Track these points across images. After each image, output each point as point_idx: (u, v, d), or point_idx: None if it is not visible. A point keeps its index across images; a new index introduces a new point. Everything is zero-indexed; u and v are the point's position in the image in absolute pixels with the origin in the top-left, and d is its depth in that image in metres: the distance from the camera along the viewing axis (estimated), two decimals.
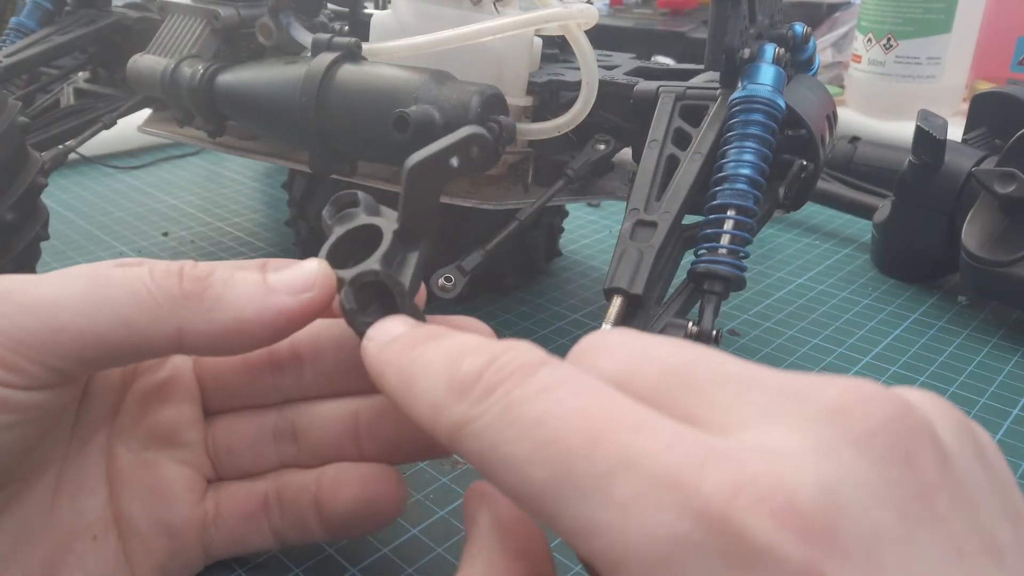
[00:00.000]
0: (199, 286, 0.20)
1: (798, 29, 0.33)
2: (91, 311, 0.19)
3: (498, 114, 0.29)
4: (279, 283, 0.20)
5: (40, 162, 0.35)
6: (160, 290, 0.19)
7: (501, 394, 0.15)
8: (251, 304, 0.20)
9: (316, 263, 0.21)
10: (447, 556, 0.24)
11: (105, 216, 0.51)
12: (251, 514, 0.23)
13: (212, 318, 0.20)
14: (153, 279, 0.19)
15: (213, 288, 0.20)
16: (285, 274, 0.21)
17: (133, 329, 0.19)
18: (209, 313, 0.19)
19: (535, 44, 0.35)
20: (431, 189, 0.21)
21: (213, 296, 0.20)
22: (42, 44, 0.42)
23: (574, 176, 0.33)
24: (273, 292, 0.20)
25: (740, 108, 0.28)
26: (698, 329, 0.25)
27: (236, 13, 0.37)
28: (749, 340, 0.37)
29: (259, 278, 0.20)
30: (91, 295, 0.19)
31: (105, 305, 0.19)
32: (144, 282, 0.19)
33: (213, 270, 0.20)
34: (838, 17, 0.75)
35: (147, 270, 0.20)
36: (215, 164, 0.62)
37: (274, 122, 0.34)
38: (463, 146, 0.21)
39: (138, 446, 0.23)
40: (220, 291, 0.20)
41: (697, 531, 0.12)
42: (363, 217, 0.22)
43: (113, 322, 0.19)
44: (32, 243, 0.36)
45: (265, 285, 0.20)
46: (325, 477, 0.23)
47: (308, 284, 0.20)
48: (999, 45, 0.68)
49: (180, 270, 0.20)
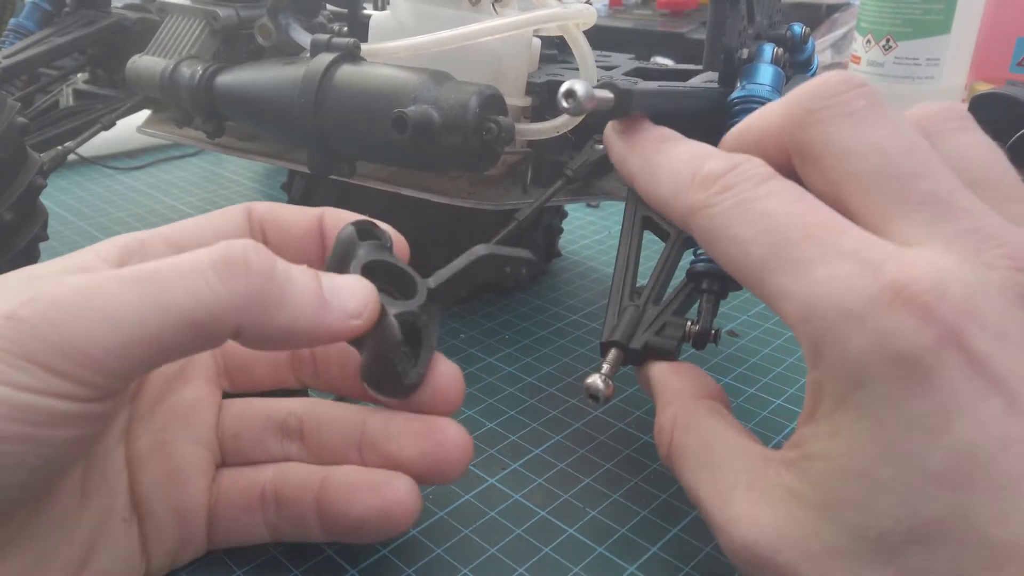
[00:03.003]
0: (263, 284, 0.19)
1: (797, 30, 0.33)
2: (153, 318, 0.18)
3: (497, 114, 0.29)
4: (335, 300, 0.21)
5: (39, 163, 0.35)
6: (225, 290, 0.19)
7: (738, 191, 0.20)
8: (306, 316, 0.20)
9: (369, 291, 0.21)
10: (446, 557, 0.24)
11: (104, 217, 0.51)
12: (248, 506, 0.23)
13: (269, 321, 0.19)
14: (218, 277, 0.19)
15: (275, 288, 0.19)
16: (341, 291, 0.21)
17: (197, 330, 0.18)
18: (266, 315, 0.19)
19: (534, 44, 0.35)
20: (475, 276, 0.24)
21: (274, 298, 0.19)
22: (41, 45, 0.42)
23: (573, 176, 0.33)
24: (328, 310, 0.20)
25: (739, 108, 0.28)
26: (697, 328, 0.25)
27: (235, 14, 0.37)
28: (748, 341, 0.37)
29: (316, 287, 0.20)
30: (151, 301, 0.18)
31: (167, 311, 0.18)
32: (207, 282, 0.18)
33: (275, 264, 0.20)
34: (837, 18, 0.75)
35: (208, 264, 0.19)
36: (214, 165, 0.62)
37: (273, 123, 0.34)
38: (519, 263, 0.25)
39: (157, 427, 0.23)
40: (281, 294, 0.19)
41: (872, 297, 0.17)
42: (387, 255, 0.23)
43: (177, 326, 0.18)
44: (31, 244, 0.36)
45: (322, 297, 0.20)
46: (333, 479, 0.23)
47: (360, 310, 0.21)
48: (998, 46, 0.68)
49: (246, 261, 0.19)
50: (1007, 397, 0.16)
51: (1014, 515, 0.16)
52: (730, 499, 0.20)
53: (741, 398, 0.32)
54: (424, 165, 0.31)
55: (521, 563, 0.24)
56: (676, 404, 0.23)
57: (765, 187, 0.20)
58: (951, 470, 0.16)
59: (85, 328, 0.17)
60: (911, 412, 0.16)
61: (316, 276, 0.21)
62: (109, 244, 0.21)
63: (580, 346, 0.37)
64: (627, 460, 0.29)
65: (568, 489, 0.27)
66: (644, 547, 0.25)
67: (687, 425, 0.22)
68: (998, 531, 0.16)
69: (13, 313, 0.17)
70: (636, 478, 0.28)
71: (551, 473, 0.28)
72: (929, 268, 0.17)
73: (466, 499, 0.27)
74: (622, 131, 0.25)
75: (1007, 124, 0.40)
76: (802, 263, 0.18)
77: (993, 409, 0.16)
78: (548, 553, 0.24)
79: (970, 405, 0.16)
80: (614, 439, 0.30)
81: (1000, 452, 0.16)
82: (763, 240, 0.19)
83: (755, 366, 0.35)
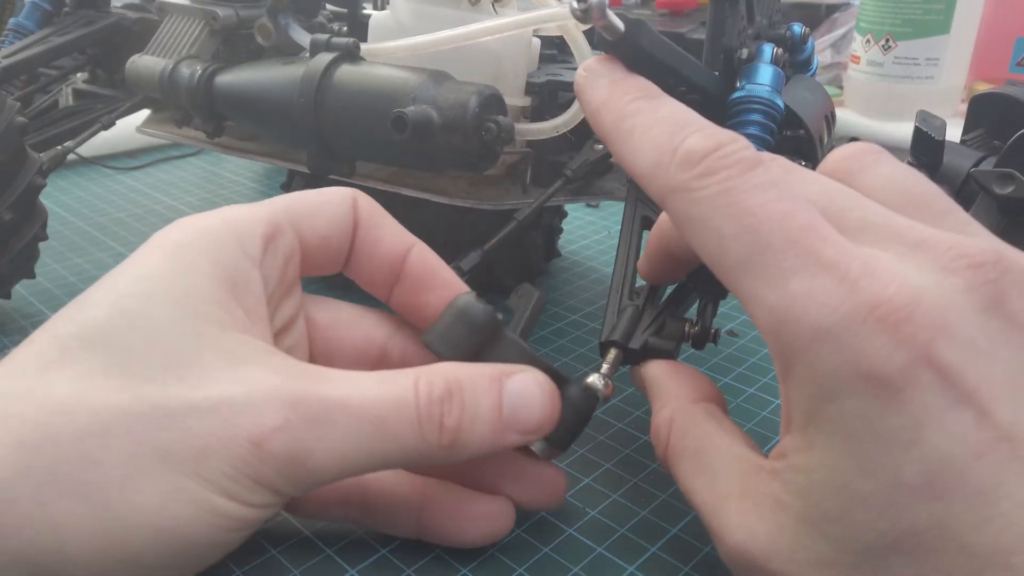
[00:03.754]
0: (453, 439, 0.20)
1: (796, 30, 0.33)
2: (371, 460, 0.20)
3: (496, 114, 0.29)
4: (514, 420, 0.21)
5: (39, 163, 0.35)
6: (424, 443, 0.20)
7: (722, 178, 0.19)
8: (484, 445, 0.21)
9: (550, 402, 0.22)
10: (446, 557, 0.24)
11: (104, 217, 0.51)
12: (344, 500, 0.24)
13: (451, 458, 0.21)
14: (423, 433, 0.20)
15: (461, 438, 0.20)
16: (521, 410, 0.21)
17: (388, 465, 0.21)
18: (451, 455, 0.21)
19: (533, 44, 0.35)
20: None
21: (459, 445, 0.20)
22: (41, 45, 0.42)
23: (573, 176, 0.33)
24: (507, 431, 0.21)
25: (738, 108, 0.28)
26: (697, 329, 0.25)
27: (235, 14, 0.37)
28: (748, 340, 0.37)
29: (497, 417, 0.21)
30: (378, 446, 0.19)
31: (385, 457, 0.20)
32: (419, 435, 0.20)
33: (463, 409, 0.20)
34: (837, 18, 0.75)
35: (416, 419, 0.20)
36: (214, 165, 0.62)
37: (272, 122, 0.34)
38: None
39: None
40: (466, 438, 0.20)
41: (845, 315, 0.17)
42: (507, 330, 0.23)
43: (383, 465, 0.20)
44: (30, 244, 0.36)
45: (501, 422, 0.21)
46: (436, 504, 0.24)
47: (540, 426, 0.22)
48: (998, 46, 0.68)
49: (440, 423, 0.20)
50: (978, 407, 0.16)
51: (992, 522, 0.16)
52: (724, 506, 0.20)
53: (740, 398, 0.32)
54: (423, 165, 0.31)
55: (521, 563, 0.24)
56: (672, 407, 0.23)
57: (751, 177, 0.19)
58: (928, 482, 0.16)
59: (319, 462, 0.19)
60: (884, 427, 0.16)
61: (498, 405, 0.21)
62: (255, 237, 0.21)
63: (580, 346, 0.37)
64: (627, 460, 0.29)
65: (568, 489, 0.27)
66: (644, 547, 0.25)
67: (683, 429, 0.23)
68: (978, 538, 0.16)
69: (262, 441, 0.18)
70: (636, 478, 0.28)
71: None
72: (903, 284, 0.17)
73: None
74: (601, 73, 0.22)
75: (1007, 124, 0.40)
76: (781, 272, 0.18)
77: (965, 420, 0.16)
78: (548, 553, 0.24)
79: (942, 417, 0.16)
80: (614, 439, 0.30)
81: (974, 461, 0.16)
82: (744, 240, 0.18)
83: (754, 366, 0.35)
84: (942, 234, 0.19)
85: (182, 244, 0.21)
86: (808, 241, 0.18)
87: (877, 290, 0.17)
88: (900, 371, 0.16)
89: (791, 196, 0.19)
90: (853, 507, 0.17)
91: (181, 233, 0.21)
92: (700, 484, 0.21)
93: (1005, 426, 0.16)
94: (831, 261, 0.17)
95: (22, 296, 0.40)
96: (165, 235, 0.21)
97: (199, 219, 0.22)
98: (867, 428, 0.17)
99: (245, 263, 0.21)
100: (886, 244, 0.18)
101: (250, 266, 0.21)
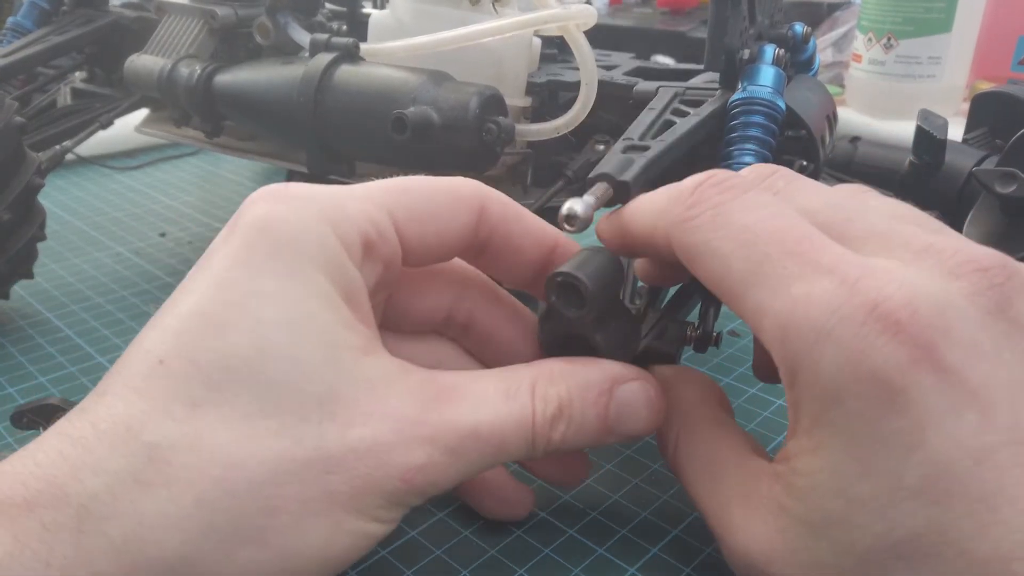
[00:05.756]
0: (554, 450, 0.21)
1: (798, 29, 0.33)
2: (478, 472, 0.20)
3: (497, 115, 0.29)
4: (617, 427, 0.22)
5: (37, 162, 0.35)
6: (528, 454, 0.21)
7: (715, 203, 0.20)
8: (580, 448, 0.22)
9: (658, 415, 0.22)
10: (446, 558, 0.24)
11: (102, 217, 0.51)
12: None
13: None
14: (532, 449, 0.21)
15: (562, 448, 0.21)
16: (627, 419, 0.22)
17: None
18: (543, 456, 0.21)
19: (534, 44, 0.35)
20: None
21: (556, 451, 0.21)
22: (39, 44, 0.41)
23: (573, 177, 0.33)
24: (608, 436, 0.22)
25: (740, 110, 0.28)
26: (699, 332, 0.25)
27: (233, 13, 0.37)
28: (749, 341, 0.37)
29: (603, 423, 0.21)
30: (488, 464, 0.20)
31: (490, 466, 0.21)
32: (524, 450, 0.21)
33: (570, 424, 0.21)
34: (838, 17, 0.75)
35: (531, 438, 0.20)
36: (213, 165, 0.62)
37: (272, 122, 0.34)
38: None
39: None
40: (566, 448, 0.21)
41: (846, 315, 0.17)
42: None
43: (483, 471, 0.21)
44: (29, 244, 0.36)
45: (605, 430, 0.22)
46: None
47: (641, 435, 0.22)
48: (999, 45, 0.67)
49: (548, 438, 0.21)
50: (980, 410, 0.16)
51: (992, 528, 0.16)
52: (728, 509, 0.20)
53: (742, 399, 0.32)
54: (423, 166, 0.31)
55: (521, 564, 0.24)
56: (679, 411, 0.23)
57: (744, 199, 0.20)
58: (928, 486, 0.16)
59: (449, 482, 0.20)
60: (886, 429, 0.16)
61: (605, 415, 0.21)
62: (355, 245, 0.20)
63: None
64: (627, 461, 0.29)
65: (568, 490, 0.27)
66: (645, 548, 0.25)
67: (689, 434, 0.23)
68: (977, 545, 0.16)
69: (410, 478, 0.19)
70: (637, 479, 0.28)
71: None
72: (903, 284, 0.17)
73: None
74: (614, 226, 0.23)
75: (1009, 123, 0.40)
76: (782, 280, 0.18)
77: (967, 423, 0.16)
78: (548, 554, 0.24)
79: (944, 420, 0.16)
80: None
81: (975, 466, 0.16)
82: (743, 255, 0.19)
83: None
84: (948, 239, 0.19)
85: (293, 250, 0.19)
86: (805, 250, 0.18)
87: (877, 290, 0.17)
88: (901, 371, 0.16)
89: (784, 213, 0.19)
90: (853, 510, 0.17)
91: (284, 229, 0.19)
92: (704, 488, 0.21)
93: (1008, 430, 0.16)
94: (831, 266, 0.18)
95: (20, 296, 0.40)
96: (264, 230, 0.20)
97: (292, 210, 0.20)
98: (869, 430, 0.17)
99: (353, 272, 0.20)
100: (891, 251, 0.18)
101: (356, 273, 0.20)
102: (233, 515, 0.18)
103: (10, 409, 0.26)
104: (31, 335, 0.37)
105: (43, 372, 0.34)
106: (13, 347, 0.36)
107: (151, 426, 0.18)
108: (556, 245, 0.23)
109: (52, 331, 0.37)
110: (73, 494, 0.17)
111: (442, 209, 0.22)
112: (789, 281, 0.18)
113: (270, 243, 0.19)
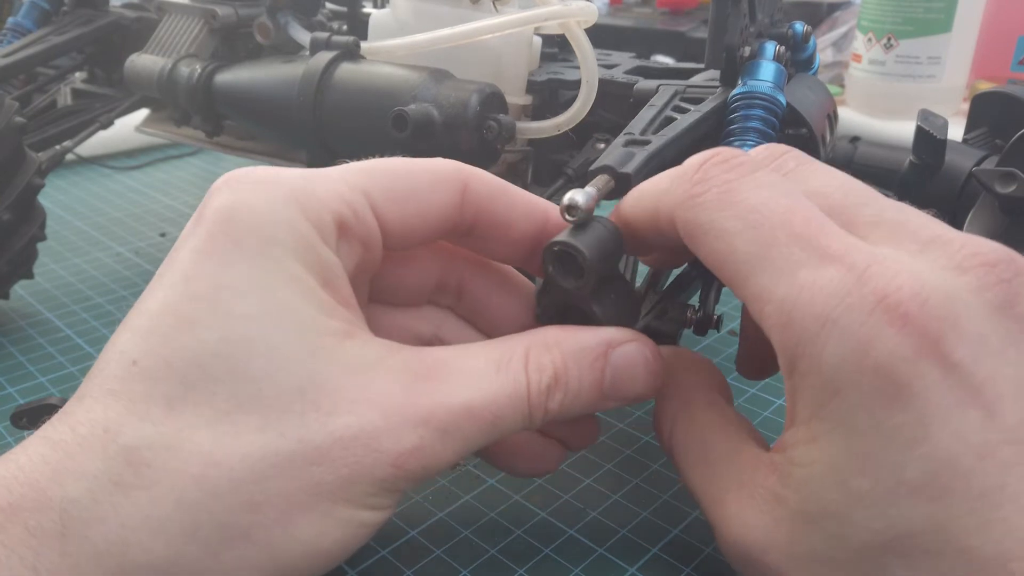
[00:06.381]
0: (551, 418, 0.21)
1: (798, 28, 0.33)
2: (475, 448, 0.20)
3: (497, 113, 0.29)
4: (613, 391, 0.21)
5: (37, 162, 0.35)
6: (525, 425, 0.20)
7: (723, 180, 0.19)
8: (577, 414, 0.21)
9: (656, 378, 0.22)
10: (446, 558, 0.24)
11: (102, 217, 0.51)
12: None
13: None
14: (528, 420, 0.20)
15: (559, 415, 0.21)
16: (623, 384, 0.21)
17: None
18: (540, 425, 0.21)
19: (534, 42, 0.35)
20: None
21: (553, 419, 0.21)
22: (39, 44, 0.41)
23: (574, 175, 0.32)
24: (605, 400, 0.21)
25: (740, 104, 0.28)
26: (700, 315, 0.25)
27: (234, 12, 0.37)
28: None
29: (599, 388, 0.21)
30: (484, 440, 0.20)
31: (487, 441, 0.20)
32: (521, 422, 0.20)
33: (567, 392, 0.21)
34: (838, 16, 0.75)
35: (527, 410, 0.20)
36: (213, 164, 0.62)
37: (272, 122, 0.34)
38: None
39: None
40: (563, 415, 0.21)
41: (853, 304, 0.16)
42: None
43: (480, 446, 0.20)
44: (29, 244, 0.36)
45: (601, 394, 0.21)
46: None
47: (639, 398, 0.22)
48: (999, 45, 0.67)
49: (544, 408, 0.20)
50: (985, 406, 0.16)
51: (992, 526, 0.16)
52: (724, 498, 0.20)
53: (742, 398, 0.32)
54: None
55: (521, 564, 0.24)
56: (677, 396, 0.23)
57: (752, 178, 0.19)
58: (928, 482, 0.16)
59: (444, 462, 0.19)
60: (888, 423, 0.16)
61: (600, 380, 0.21)
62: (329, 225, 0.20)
63: None
64: (627, 461, 0.29)
65: (568, 490, 0.27)
66: (645, 548, 0.25)
67: (686, 419, 0.22)
68: (977, 543, 0.16)
69: (401, 462, 0.19)
70: (637, 479, 0.28)
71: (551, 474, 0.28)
72: (912, 275, 0.17)
73: (466, 500, 0.26)
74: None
75: (1009, 123, 0.40)
76: (787, 265, 0.18)
77: (971, 419, 0.16)
78: (548, 554, 0.24)
79: (947, 415, 0.16)
80: (614, 439, 0.30)
81: (977, 462, 0.16)
82: (750, 237, 0.18)
83: None
84: (955, 233, 0.18)
85: (261, 237, 0.19)
86: (813, 235, 0.18)
87: (885, 280, 0.17)
88: (907, 364, 0.16)
89: (793, 195, 0.19)
90: (850, 504, 0.17)
91: (250, 216, 0.19)
92: (700, 475, 0.21)
93: (1012, 428, 0.16)
94: (839, 253, 0.17)
95: (20, 296, 0.40)
96: (230, 219, 0.19)
97: (258, 195, 0.19)
98: (870, 423, 0.16)
99: (327, 254, 0.20)
100: (899, 240, 0.18)
101: (332, 256, 0.20)
102: (216, 514, 0.17)
103: (10, 409, 0.26)
104: (31, 335, 0.37)
105: (43, 372, 0.34)
106: (13, 347, 0.36)
107: (128, 429, 0.17)
108: (547, 219, 0.23)
109: (52, 331, 0.37)
110: (55, 499, 0.17)
111: (421, 188, 0.21)
112: (795, 267, 0.17)
113: (237, 231, 0.19)
